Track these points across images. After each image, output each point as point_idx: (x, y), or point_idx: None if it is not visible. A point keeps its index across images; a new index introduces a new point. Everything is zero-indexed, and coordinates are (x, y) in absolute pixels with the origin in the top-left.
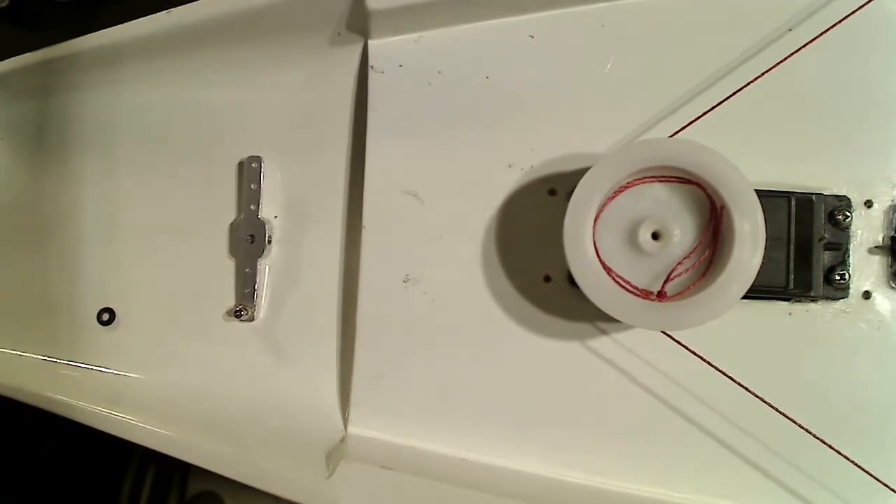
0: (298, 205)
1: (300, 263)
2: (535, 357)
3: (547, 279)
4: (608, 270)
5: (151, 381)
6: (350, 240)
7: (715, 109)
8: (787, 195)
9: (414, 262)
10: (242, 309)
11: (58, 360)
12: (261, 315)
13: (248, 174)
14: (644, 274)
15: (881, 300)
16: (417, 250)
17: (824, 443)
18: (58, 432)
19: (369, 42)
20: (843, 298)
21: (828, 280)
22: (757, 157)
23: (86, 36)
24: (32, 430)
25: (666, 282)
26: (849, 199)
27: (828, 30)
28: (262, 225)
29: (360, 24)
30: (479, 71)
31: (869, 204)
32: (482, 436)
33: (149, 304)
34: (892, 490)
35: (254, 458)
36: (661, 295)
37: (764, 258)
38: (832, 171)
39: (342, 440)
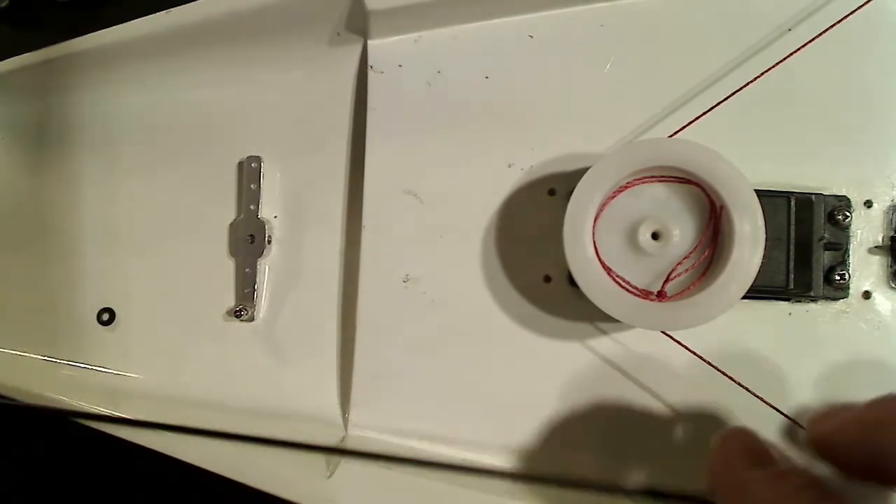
0: (298, 205)
1: (300, 263)
2: (534, 357)
3: (547, 279)
4: (608, 270)
5: (151, 381)
6: (350, 240)
7: (715, 109)
8: (786, 195)
9: (414, 262)
10: (242, 309)
11: (58, 360)
12: (261, 315)
13: (248, 174)
14: (644, 274)
15: (881, 300)
16: (417, 250)
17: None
18: (57, 432)
19: (369, 42)
20: (843, 298)
21: (828, 280)
22: (757, 157)
23: (86, 36)
24: (31, 431)
25: (666, 282)
26: (849, 199)
27: (827, 30)
28: (262, 225)
29: (359, 24)
30: (478, 71)
31: (869, 204)
32: (482, 436)
33: (149, 304)
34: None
35: (254, 458)
36: (661, 295)
37: (764, 258)
38: (832, 171)
39: (342, 440)
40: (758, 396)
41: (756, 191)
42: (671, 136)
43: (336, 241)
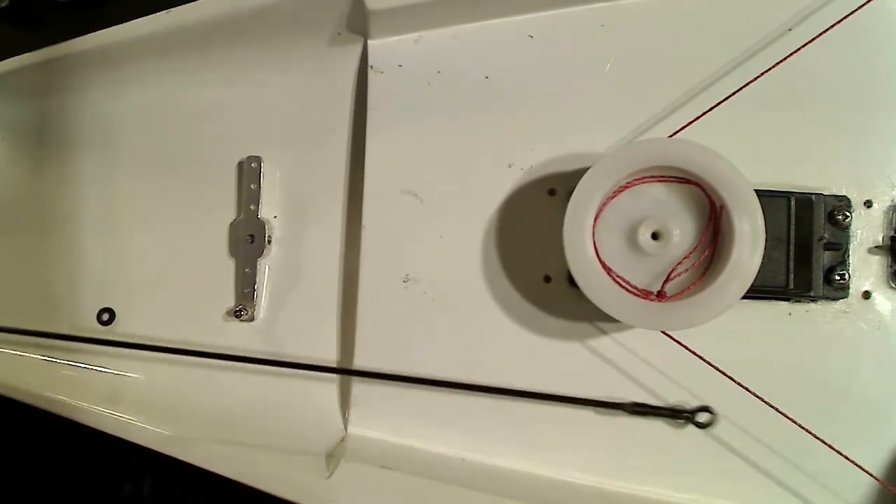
0: (298, 205)
1: (300, 263)
2: (535, 357)
3: (547, 279)
4: (608, 270)
5: (151, 381)
6: (350, 240)
7: (715, 109)
8: (786, 195)
9: (414, 261)
10: (242, 309)
11: (58, 360)
12: (261, 315)
13: (248, 174)
14: (644, 274)
15: (881, 300)
16: (417, 250)
17: (824, 442)
18: (56, 432)
19: (369, 42)
20: (842, 298)
21: (828, 280)
22: (757, 157)
23: (86, 36)
24: (31, 430)
25: (666, 282)
26: (849, 199)
27: (827, 30)
28: (262, 225)
29: (359, 24)
30: (478, 71)
31: (869, 204)
32: (482, 435)
33: (149, 304)
34: (892, 490)
35: (254, 458)
36: (660, 295)
37: (764, 258)
38: (832, 171)
39: (342, 440)
40: (757, 396)
41: (756, 191)
42: (671, 136)
43: (336, 241)
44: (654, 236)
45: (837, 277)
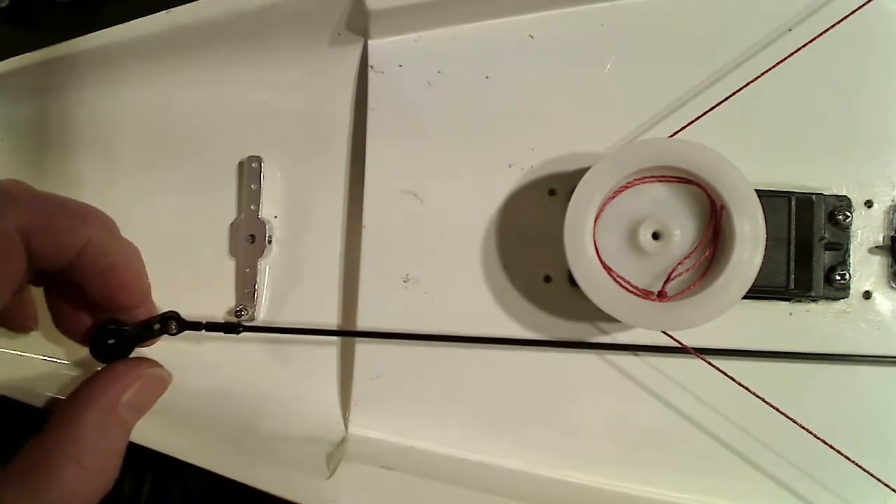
0: (298, 205)
1: (300, 263)
2: (535, 357)
3: (547, 279)
4: (608, 270)
5: None
6: (350, 240)
7: (715, 109)
8: (787, 195)
9: (414, 262)
10: (242, 309)
11: (58, 360)
12: (261, 315)
13: (248, 174)
14: (644, 274)
15: (881, 300)
16: (417, 250)
17: (825, 442)
18: None
19: (369, 42)
20: (843, 298)
21: (828, 280)
22: (757, 157)
23: (86, 36)
24: (31, 430)
25: (666, 282)
26: (849, 199)
27: (827, 30)
28: (262, 225)
29: (359, 24)
30: (479, 71)
31: (869, 204)
32: (482, 436)
33: None
34: (893, 490)
35: (254, 458)
36: (661, 295)
37: (764, 258)
38: (832, 171)
39: (342, 440)
40: (757, 396)
41: (756, 191)
42: (671, 136)
43: (336, 241)
44: (655, 236)
45: (838, 277)
